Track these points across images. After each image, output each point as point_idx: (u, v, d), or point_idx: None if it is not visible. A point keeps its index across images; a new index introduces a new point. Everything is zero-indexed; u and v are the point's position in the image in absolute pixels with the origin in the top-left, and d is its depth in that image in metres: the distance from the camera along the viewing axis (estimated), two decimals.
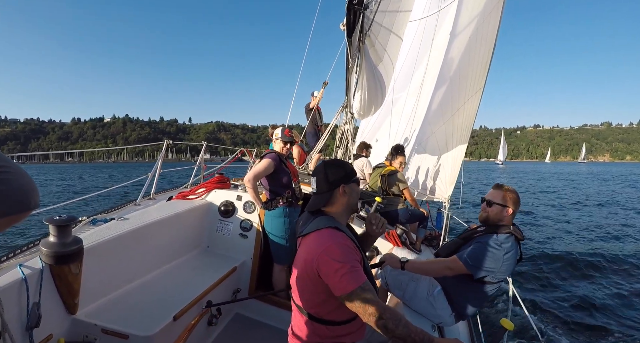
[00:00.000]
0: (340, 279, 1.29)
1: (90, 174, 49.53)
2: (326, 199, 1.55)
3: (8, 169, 0.74)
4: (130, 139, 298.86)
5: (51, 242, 1.81)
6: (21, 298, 1.68)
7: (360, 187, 1.67)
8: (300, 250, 1.53)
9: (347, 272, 1.29)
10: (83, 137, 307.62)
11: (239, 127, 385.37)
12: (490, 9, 4.33)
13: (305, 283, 1.45)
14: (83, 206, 14.13)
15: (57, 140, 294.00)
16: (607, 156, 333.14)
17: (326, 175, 1.54)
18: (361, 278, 1.31)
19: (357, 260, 1.37)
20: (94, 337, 1.98)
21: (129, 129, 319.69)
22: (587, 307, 5.52)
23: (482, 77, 4.56)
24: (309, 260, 1.39)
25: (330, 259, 1.32)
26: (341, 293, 1.29)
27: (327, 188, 1.53)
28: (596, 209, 16.17)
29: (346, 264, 1.31)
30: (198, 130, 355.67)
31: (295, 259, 1.55)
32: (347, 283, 1.28)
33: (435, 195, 5.84)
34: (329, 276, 1.32)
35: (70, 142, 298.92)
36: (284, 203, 3.05)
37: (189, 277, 2.83)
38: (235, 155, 5.94)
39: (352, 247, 1.40)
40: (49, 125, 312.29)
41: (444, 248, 2.42)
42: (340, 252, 1.34)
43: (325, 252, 1.34)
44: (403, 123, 6.84)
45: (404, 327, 1.24)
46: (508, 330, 1.63)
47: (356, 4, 3.40)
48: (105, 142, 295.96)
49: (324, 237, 1.41)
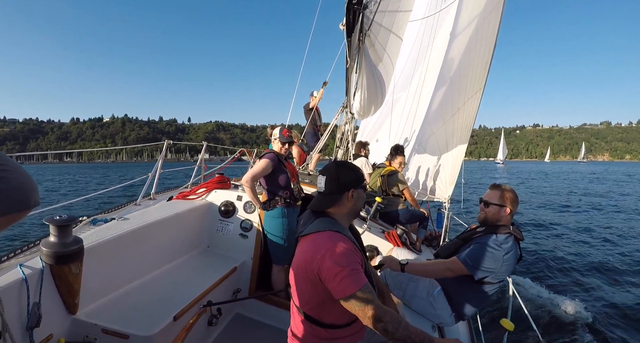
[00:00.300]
0: (340, 282, 1.28)
1: (85, 175, 48.12)
2: (334, 201, 1.50)
3: (7, 167, 0.74)
4: (129, 138, 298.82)
5: (51, 242, 1.81)
6: (21, 298, 1.68)
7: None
8: (299, 251, 1.50)
9: (347, 275, 1.28)
10: (82, 137, 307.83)
11: (238, 127, 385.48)
12: (491, 10, 4.34)
13: (305, 285, 1.43)
14: (80, 206, 14.13)
15: (56, 140, 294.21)
16: (606, 155, 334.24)
17: (338, 175, 1.50)
18: (361, 280, 1.30)
19: (358, 263, 1.36)
20: (94, 336, 1.98)
21: (128, 128, 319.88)
22: (589, 307, 5.51)
23: (482, 77, 4.56)
24: (309, 262, 1.37)
25: (330, 263, 1.30)
26: (341, 296, 1.28)
27: (337, 190, 1.49)
28: (600, 210, 16.12)
29: (346, 267, 1.29)
30: (197, 130, 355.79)
31: (294, 259, 1.52)
32: (346, 286, 1.27)
33: (436, 195, 5.84)
34: (329, 279, 1.30)
35: (69, 142, 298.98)
36: (282, 204, 3.04)
37: (189, 277, 2.83)
38: (235, 155, 5.94)
39: (352, 249, 1.37)
40: (48, 125, 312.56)
41: (443, 248, 2.42)
42: (341, 255, 1.32)
43: (326, 255, 1.32)
44: (403, 123, 6.85)
45: (404, 329, 1.24)
46: (508, 331, 1.63)
47: (355, 3, 3.39)
48: (104, 142, 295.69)
49: (325, 239, 1.38)
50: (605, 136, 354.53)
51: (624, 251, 8.83)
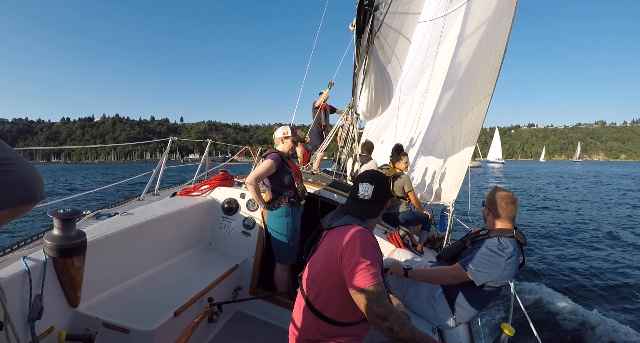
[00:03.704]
0: (358, 273, 1.31)
1: (53, 181, 36.32)
2: (378, 210, 1.60)
3: (13, 160, 0.75)
4: (119, 138, 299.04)
5: (55, 235, 1.82)
6: (24, 290, 1.70)
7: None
8: (324, 242, 1.55)
9: (365, 268, 1.32)
10: (71, 137, 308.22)
11: (231, 127, 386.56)
12: (502, 14, 4.29)
13: (322, 276, 1.48)
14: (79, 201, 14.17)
15: (45, 140, 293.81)
16: (601, 155, 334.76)
17: (384, 186, 1.61)
18: (377, 277, 1.33)
19: (378, 260, 1.40)
20: (94, 330, 1.99)
21: (118, 128, 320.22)
22: (591, 312, 5.46)
23: (492, 82, 4.53)
24: (334, 250, 1.42)
25: (356, 251, 1.35)
26: (355, 286, 1.31)
27: (382, 200, 1.60)
28: (605, 212, 15.97)
29: (367, 260, 1.33)
30: (189, 129, 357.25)
31: (316, 252, 1.57)
32: (363, 278, 1.30)
33: (441, 199, 5.81)
34: (349, 268, 1.34)
35: (58, 142, 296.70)
36: (286, 203, 3.04)
37: (191, 274, 2.84)
38: (239, 153, 5.97)
39: (377, 246, 1.44)
40: (38, 125, 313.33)
41: (446, 251, 2.41)
42: (365, 247, 1.37)
43: (353, 243, 1.38)
44: (409, 125, 6.83)
45: (409, 331, 1.25)
46: (509, 335, 1.62)
47: (367, 4, 3.38)
48: (94, 142, 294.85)
49: (355, 230, 1.44)
50: (600, 135, 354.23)
51: (629, 256, 8.73)
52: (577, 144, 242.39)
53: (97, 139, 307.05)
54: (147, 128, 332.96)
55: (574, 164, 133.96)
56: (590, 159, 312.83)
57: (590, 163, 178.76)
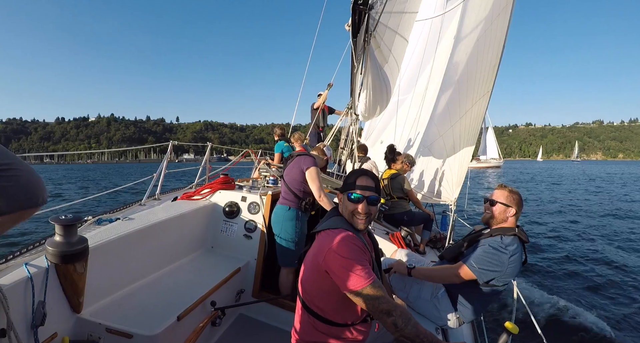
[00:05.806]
0: (349, 277, 1.31)
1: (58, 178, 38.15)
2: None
3: (14, 165, 0.75)
4: (114, 138, 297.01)
5: (57, 242, 1.82)
6: (26, 297, 1.70)
7: None
8: (313, 245, 1.56)
9: (354, 269, 1.31)
10: (66, 137, 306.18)
11: (227, 126, 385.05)
12: (498, 12, 4.30)
13: (312, 277, 1.48)
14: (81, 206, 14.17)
15: (39, 141, 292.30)
16: (599, 154, 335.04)
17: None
18: (370, 275, 1.33)
19: (366, 260, 1.40)
20: (98, 336, 1.99)
21: (113, 128, 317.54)
22: (594, 311, 5.44)
23: (490, 80, 4.53)
24: (317, 255, 1.43)
25: (337, 256, 1.35)
26: (350, 290, 1.31)
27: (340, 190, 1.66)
28: (610, 213, 15.90)
29: (353, 262, 1.33)
30: (185, 129, 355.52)
31: (307, 254, 1.58)
32: (356, 281, 1.30)
33: (442, 197, 5.81)
34: (336, 273, 1.34)
35: (52, 142, 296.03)
36: (299, 207, 3.10)
37: (193, 277, 2.84)
38: (240, 156, 5.97)
39: (361, 246, 1.42)
40: (32, 125, 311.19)
41: (448, 250, 2.41)
42: (348, 249, 1.37)
43: (332, 248, 1.37)
44: (408, 125, 6.83)
45: (413, 326, 1.25)
46: (512, 334, 1.61)
47: (361, 4, 3.38)
48: (89, 142, 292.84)
49: (334, 234, 1.44)
50: (598, 135, 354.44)
51: (633, 255, 8.70)
52: (574, 144, 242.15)
53: (92, 138, 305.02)
54: (142, 128, 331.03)
55: (572, 164, 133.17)
56: (588, 159, 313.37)
57: (588, 162, 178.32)
